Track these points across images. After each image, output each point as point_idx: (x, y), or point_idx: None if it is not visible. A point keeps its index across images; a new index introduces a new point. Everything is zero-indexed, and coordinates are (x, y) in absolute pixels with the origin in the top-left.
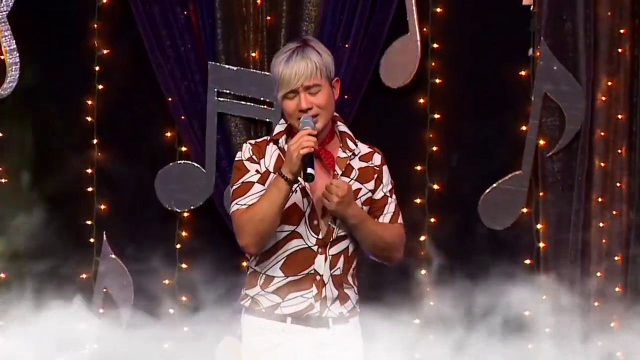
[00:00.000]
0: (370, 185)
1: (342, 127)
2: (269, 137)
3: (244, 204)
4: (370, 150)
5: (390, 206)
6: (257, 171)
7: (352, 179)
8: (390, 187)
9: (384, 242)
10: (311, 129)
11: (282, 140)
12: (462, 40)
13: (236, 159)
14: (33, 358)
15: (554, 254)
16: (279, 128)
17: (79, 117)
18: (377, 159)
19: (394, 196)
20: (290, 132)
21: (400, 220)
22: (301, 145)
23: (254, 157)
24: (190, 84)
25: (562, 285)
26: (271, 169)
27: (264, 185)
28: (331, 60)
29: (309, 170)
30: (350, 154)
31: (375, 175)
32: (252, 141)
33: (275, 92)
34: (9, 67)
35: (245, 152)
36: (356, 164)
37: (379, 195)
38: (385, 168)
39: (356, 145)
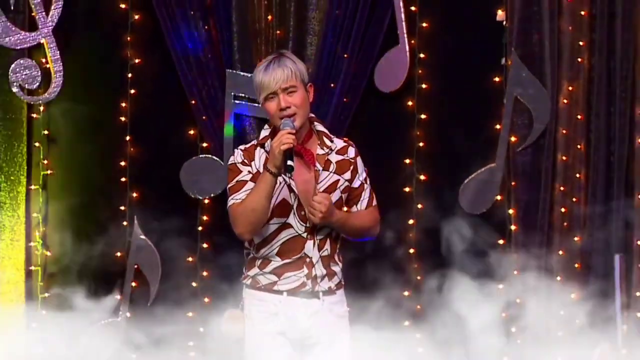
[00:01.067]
0: (347, 175)
1: (319, 127)
2: (256, 142)
3: (239, 199)
4: (345, 144)
5: (366, 192)
6: (249, 172)
7: (331, 172)
8: (364, 175)
9: (363, 229)
10: (290, 129)
11: (267, 144)
12: (445, 51)
13: (229, 162)
14: (77, 323)
15: (524, 235)
16: (264, 133)
17: (114, 117)
18: (351, 151)
19: (368, 181)
20: (274, 134)
21: (374, 203)
22: (282, 142)
23: (245, 160)
24: (210, 89)
25: (530, 262)
26: (261, 169)
27: (249, 182)
28: (304, 68)
29: (289, 162)
30: (328, 150)
31: (351, 167)
32: (242, 147)
33: (258, 97)
34: (54, 74)
35: (237, 156)
36: (333, 157)
37: (356, 184)
38: (359, 159)
39: (332, 142)
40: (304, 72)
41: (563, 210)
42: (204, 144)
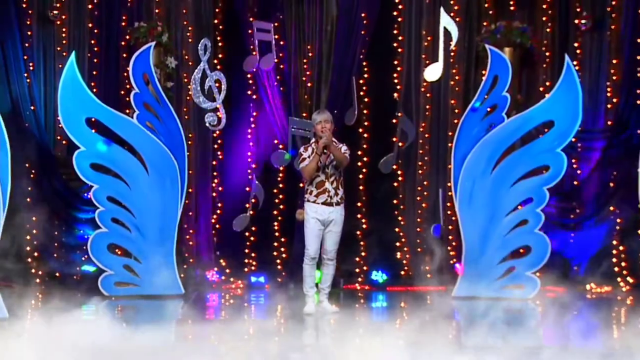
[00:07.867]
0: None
1: (333, 138)
2: (309, 144)
3: (304, 164)
4: (341, 144)
5: (346, 153)
6: (307, 155)
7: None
8: (345, 150)
9: (340, 158)
10: (326, 138)
11: (313, 145)
12: (375, 103)
13: (299, 151)
14: (230, 220)
15: (405, 181)
16: (312, 141)
17: (244, 136)
18: (339, 144)
19: (348, 152)
20: (317, 141)
21: (347, 155)
22: (323, 142)
23: (304, 151)
24: (282, 123)
25: (410, 192)
26: (311, 155)
27: (309, 159)
28: (331, 116)
29: (325, 150)
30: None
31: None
32: (304, 146)
33: (314, 124)
34: (222, 119)
35: (302, 149)
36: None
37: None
38: (342, 147)
39: (337, 143)
40: (331, 117)
41: (420, 172)
42: (280, 146)
